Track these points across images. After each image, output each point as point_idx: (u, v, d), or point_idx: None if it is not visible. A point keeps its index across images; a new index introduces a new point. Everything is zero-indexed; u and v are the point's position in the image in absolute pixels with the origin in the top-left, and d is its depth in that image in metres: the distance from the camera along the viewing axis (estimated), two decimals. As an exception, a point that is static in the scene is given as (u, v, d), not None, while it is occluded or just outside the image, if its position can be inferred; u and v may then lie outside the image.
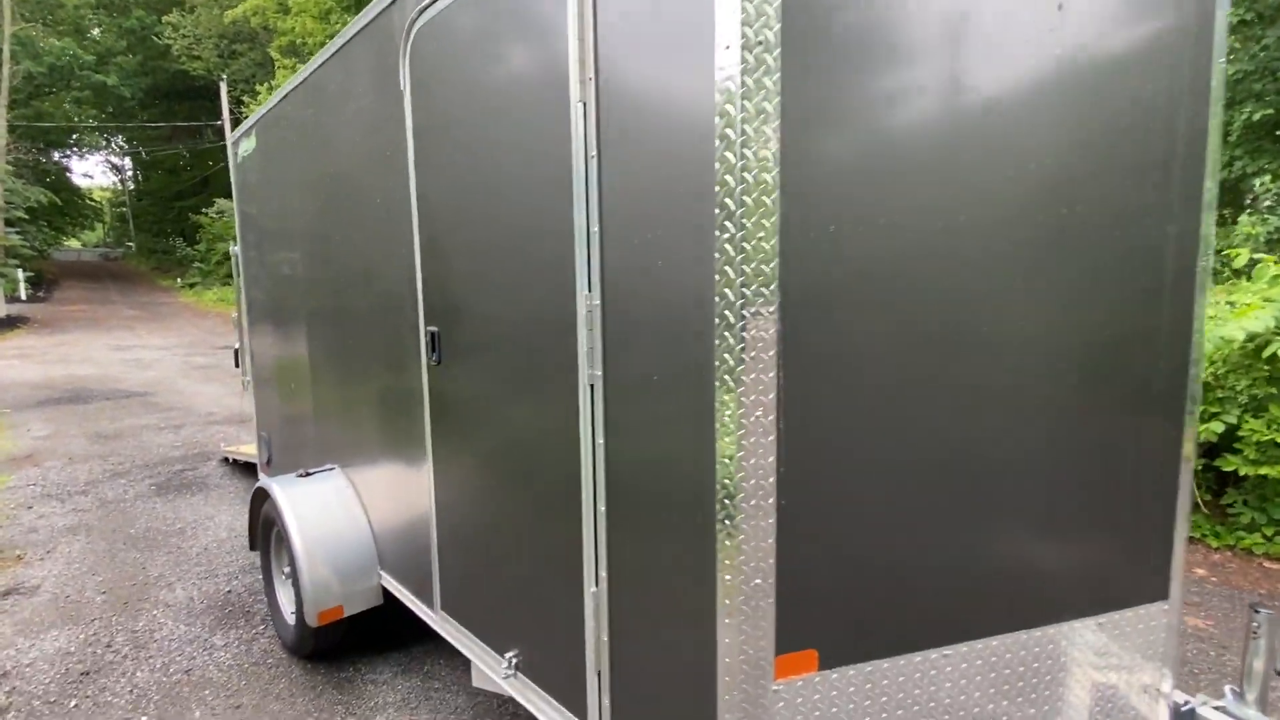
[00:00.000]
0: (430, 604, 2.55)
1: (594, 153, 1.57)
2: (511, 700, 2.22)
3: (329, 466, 3.27)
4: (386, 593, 2.93)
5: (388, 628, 3.24)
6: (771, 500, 1.37)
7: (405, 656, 3.15)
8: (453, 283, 2.16)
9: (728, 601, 1.40)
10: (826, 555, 1.45)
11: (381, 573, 2.93)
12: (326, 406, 3.34)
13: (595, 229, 1.59)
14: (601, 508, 1.69)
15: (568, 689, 1.88)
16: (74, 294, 25.52)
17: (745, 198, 1.28)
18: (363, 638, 3.17)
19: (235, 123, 23.86)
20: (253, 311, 4.42)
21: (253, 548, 3.49)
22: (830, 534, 1.45)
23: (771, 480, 1.37)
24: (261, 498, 3.28)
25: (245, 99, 23.80)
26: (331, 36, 2.68)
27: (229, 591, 3.82)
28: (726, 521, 1.38)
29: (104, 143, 39.03)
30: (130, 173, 43.53)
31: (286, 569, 3.26)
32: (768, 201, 1.29)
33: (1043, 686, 1.70)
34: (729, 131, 1.27)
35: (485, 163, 1.94)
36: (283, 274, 3.69)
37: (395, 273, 2.48)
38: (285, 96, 3.30)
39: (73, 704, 2.86)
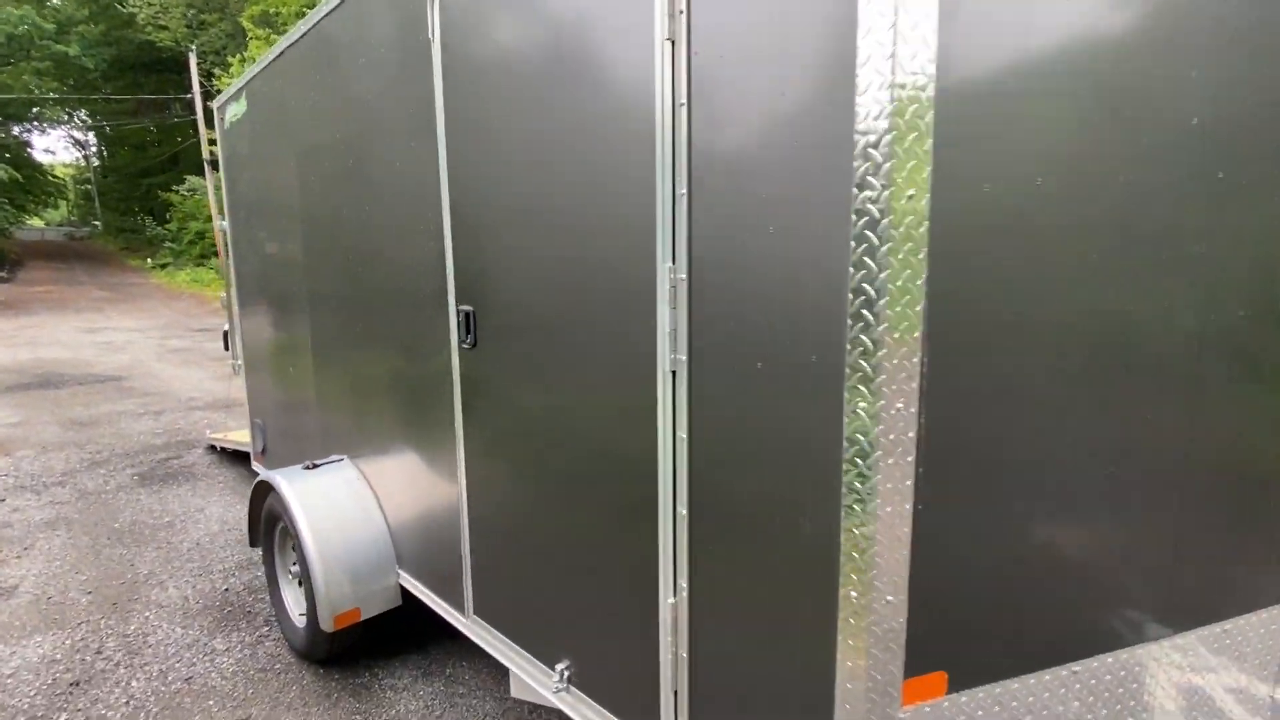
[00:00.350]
0: (460, 608, 2.34)
1: (684, 100, 1.35)
2: (545, 709, 2.04)
3: (337, 457, 3.03)
4: (404, 593, 2.72)
5: (403, 628, 3.03)
6: (909, 506, 1.18)
7: (424, 659, 2.94)
8: (492, 257, 1.93)
9: (853, 620, 1.22)
10: (964, 566, 1.27)
11: (400, 572, 2.72)
12: (332, 393, 3.09)
13: (683, 190, 1.38)
14: (683, 510, 1.49)
15: (635, 709, 1.69)
16: (39, 274, 24.56)
17: (897, 146, 1.07)
18: (377, 639, 2.96)
19: (206, 96, 22.91)
20: (244, 291, 4.13)
21: (253, 544, 3.25)
22: (968, 542, 1.26)
23: (909, 483, 1.17)
24: (264, 491, 3.03)
25: (216, 71, 22.87)
26: (311, 6, 2.38)
27: (226, 590, 3.57)
28: (855, 530, 1.18)
29: (66, 117, 37.44)
30: (95, 148, 41.92)
31: (294, 567, 3.03)
32: (921, 151, 1.08)
33: (1166, 699, 1.55)
34: (878, 69, 1.06)
35: (537, 119, 1.70)
36: (281, 250, 3.41)
37: (419, 246, 2.24)
38: (283, 53, 3.00)
39: (63, 718, 2.62)
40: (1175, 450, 1.41)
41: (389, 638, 3.01)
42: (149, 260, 27.06)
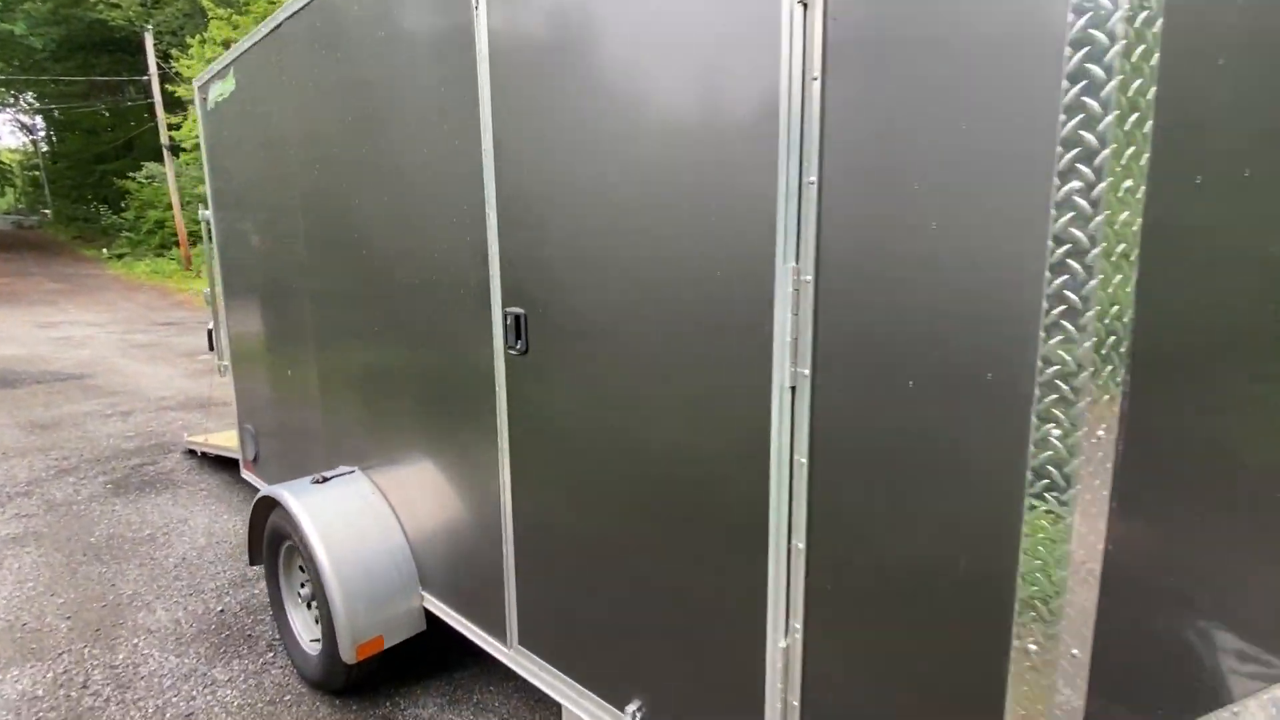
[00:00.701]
0: (501, 637, 2.14)
1: (816, 74, 1.16)
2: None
3: (347, 469, 2.80)
4: (428, 616, 2.52)
5: (424, 648, 2.82)
6: (1101, 546, 1.02)
7: (448, 684, 2.74)
8: (551, 254, 1.72)
9: (1029, 676, 1.06)
10: (1148, 613, 1.12)
11: (424, 594, 2.50)
12: (340, 399, 2.85)
13: (811, 179, 1.19)
14: (799, 544, 1.32)
15: (728, 758, 1.52)
16: (-14, 265, 23.34)
17: (1117, 130, 0.89)
18: (397, 664, 2.75)
19: (164, 79, 21.89)
20: (232, 286, 3.83)
21: (253, 563, 3.00)
22: (1157, 587, 1.11)
23: (1103, 522, 1.01)
24: (268, 506, 2.78)
25: (174, 52, 21.86)
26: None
27: (221, 611, 3.31)
28: (1041, 575, 1.02)
29: (12, 99, 35.62)
30: (43, 133, 40.00)
31: (302, 589, 2.79)
32: (1141, 135, 0.91)
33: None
34: (1094, 31, 0.88)
35: (621, 97, 1.49)
36: (278, 242, 3.13)
37: (453, 241, 2.02)
38: (280, 25, 2.73)
39: (49, 765, 2.37)
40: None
41: (410, 661, 2.80)
42: (105, 250, 25.90)
